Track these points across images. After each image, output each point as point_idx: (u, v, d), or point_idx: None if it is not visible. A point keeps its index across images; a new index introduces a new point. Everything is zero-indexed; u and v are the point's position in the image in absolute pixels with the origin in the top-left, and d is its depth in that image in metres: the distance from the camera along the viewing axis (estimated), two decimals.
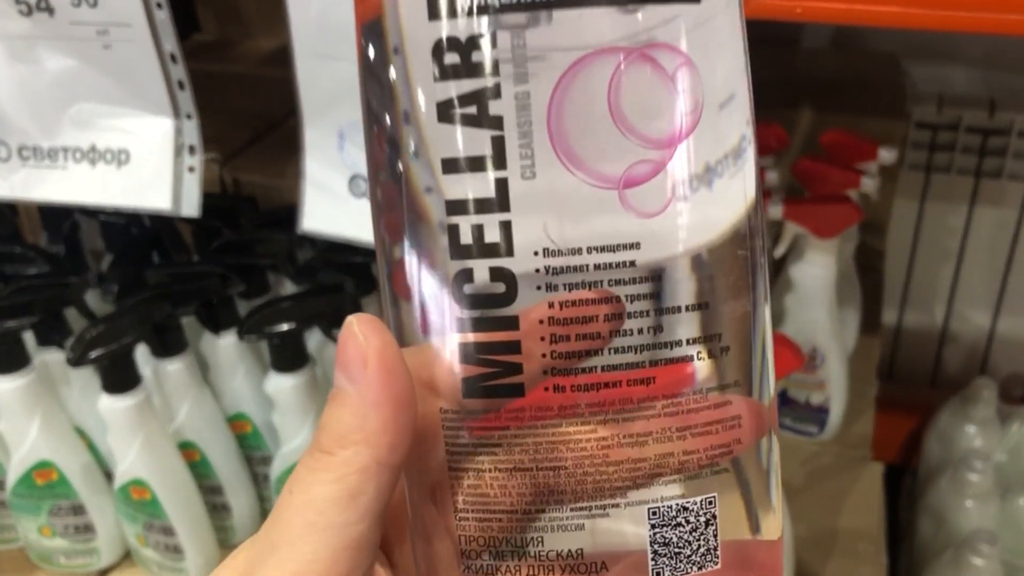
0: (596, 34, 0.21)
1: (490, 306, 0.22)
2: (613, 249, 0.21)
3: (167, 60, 0.60)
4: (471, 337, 0.22)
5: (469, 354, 0.22)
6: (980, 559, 0.83)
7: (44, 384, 0.70)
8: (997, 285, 1.12)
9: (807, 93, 1.01)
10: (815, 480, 0.79)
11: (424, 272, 0.23)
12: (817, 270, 0.78)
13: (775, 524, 0.24)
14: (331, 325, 0.69)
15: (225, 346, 0.72)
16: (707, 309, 0.22)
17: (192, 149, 0.62)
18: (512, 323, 0.22)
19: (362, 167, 0.56)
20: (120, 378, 0.65)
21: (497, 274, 0.22)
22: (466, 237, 0.22)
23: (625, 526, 0.22)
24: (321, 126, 0.58)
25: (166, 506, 0.68)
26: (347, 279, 0.71)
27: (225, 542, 0.74)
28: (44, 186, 0.64)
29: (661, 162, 0.21)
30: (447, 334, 0.22)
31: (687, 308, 0.22)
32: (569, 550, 0.22)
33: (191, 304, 0.71)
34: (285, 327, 0.66)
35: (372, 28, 0.23)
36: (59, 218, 0.85)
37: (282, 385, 0.68)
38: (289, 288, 0.77)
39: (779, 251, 0.79)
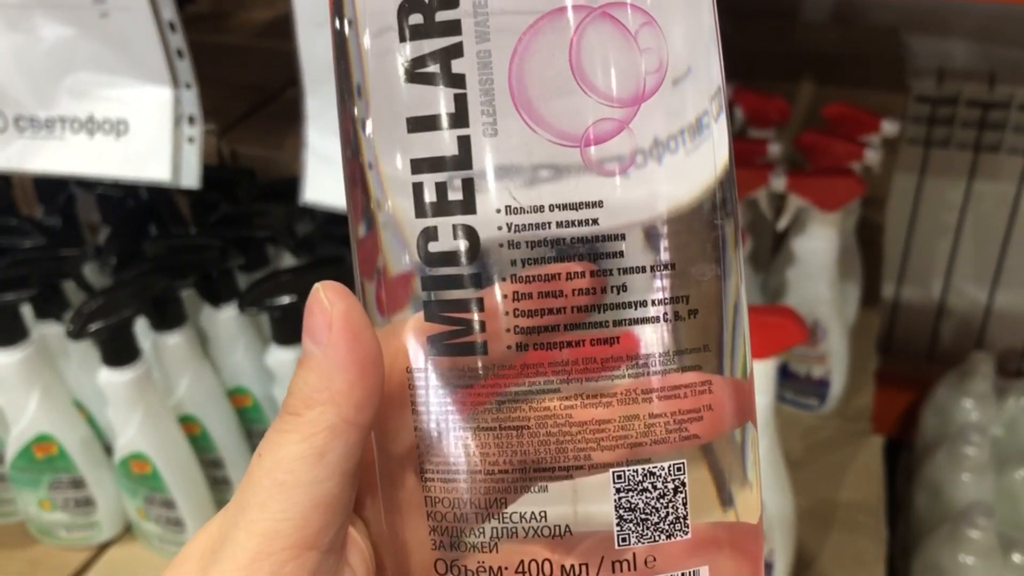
0: None
1: (454, 263, 0.22)
2: (576, 207, 0.21)
3: (165, 28, 0.59)
4: (435, 295, 0.22)
5: (433, 312, 0.22)
6: (976, 532, 0.83)
7: (43, 357, 0.70)
8: (995, 259, 1.12)
9: (807, 66, 1.01)
10: (816, 453, 0.79)
11: (384, 246, 0.23)
12: (820, 243, 0.78)
13: (753, 507, 0.24)
14: None
15: (225, 319, 0.72)
16: (673, 271, 0.22)
17: (192, 119, 0.61)
18: (476, 281, 0.22)
19: None
20: (120, 351, 0.65)
21: (460, 231, 0.22)
22: (430, 195, 0.22)
23: (590, 490, 0.22)
24: (323, 95, 0.57)
25: (167, 480, 0.68)
26: (347, 252, 0.70)
27: None
28: (41, 157, 0.63)
29: (624, 121, 0.21)
30: (412, 295, 0.22)
31: (651, 269, 0.22)
32: (532, 512, 0.22)
33: (190, 277, 0.70)
34: (286, 300, 0.66)
35: (334, 2, 0.23)
36: (55, 190, 0.84)
37: (283, 358, 0.68)
38: (289, 261, 0.77)
39: (782, 224, 0.79)
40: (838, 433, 0.81)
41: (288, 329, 0.68)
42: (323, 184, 0.58)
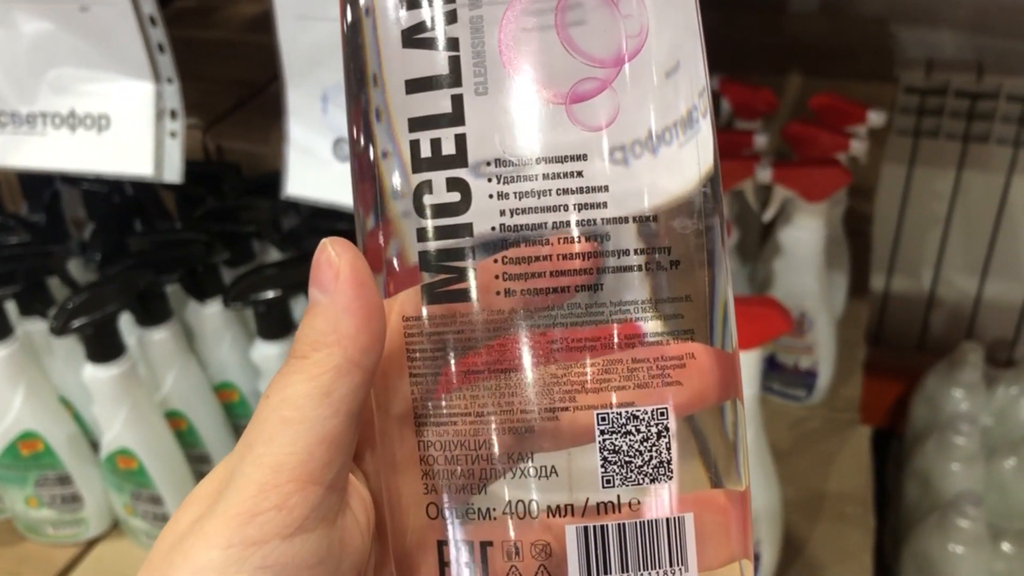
0: None
1: (446, 215, 0.23)
2: (561, 160, 0.22)
3: (146, 23, 0.59)
4: (429, 246, 0.23)
5: (427, 262, 0.23)
6: (966, 521, 0.83)
7: (27, 354, 0.69)
8: (984, 250, 1.12)
9: (796, 58, 1.01)
10: (803, 444, 0.79)
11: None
12: (806, 234, 0.78)
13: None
14: None
15: (210, 314, 0.72)
16: (655, 222, 0.23)
17: (173, 114, 0.61)
18: (467, 230, 0.23)
19: (346, 130, 0.56)
20: (104, 347, 0.65)
21: (453, 184, 0.23)
22: (426, 151, 0.23)
23: (573, 432, 0.23)
24: (304, 89, 0.57)
25: (153, 475, 0.68)
26: None
27: None
28: (23, 152, 0.63)
29: (606, 80, 0.23)
30: (409, 248, 0.24)
31: (634, 220, 0.23)
32: (519, 453, 0.23)
33: (175, 272, 0.70)
34: (271, 294, 0.66)
35: None
36: (39, 187, 0.84)
37: (268, 353, 0.68)
38: (274, 255, 0.77)
39: (768, 215, 0.79)
40: (826, 424, 0.81)
41: (273, 324, 0.67)
42: (305, 177, 0.58)
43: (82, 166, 0.62)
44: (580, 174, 0.22)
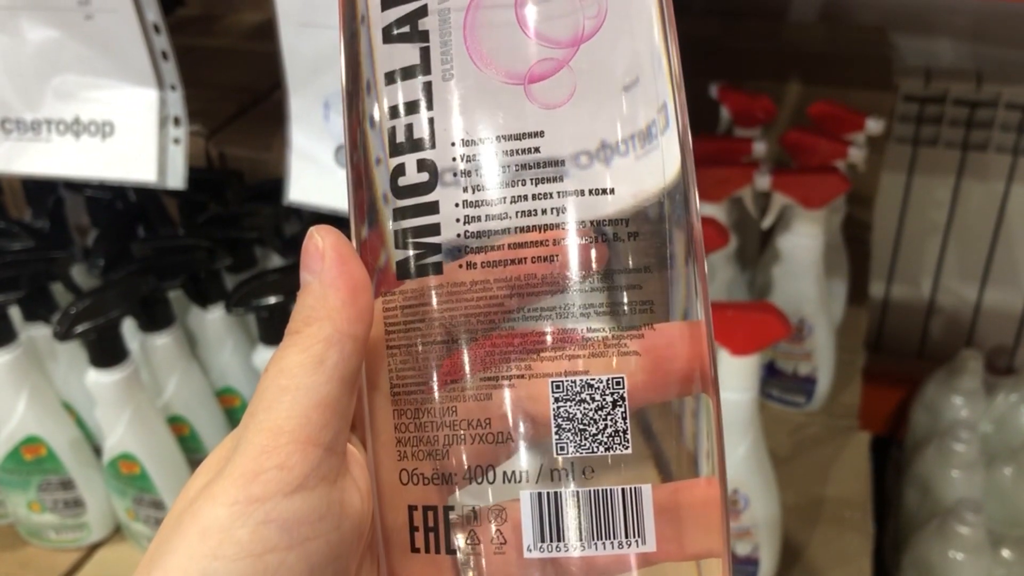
0: None
1: (416, 194, 0.24)
2: (519, 137, 0.24)
3: (150, 30, 0.59)
4: (401, 224, 0.24)
5: (400, 240, 0.25)
6: (965, 528, 0.84)
7: (31, 359, 0.70)
8: (983, 257, 1.13)
9: (795, 66, 1.01)
10: (803, 450, 0.79)
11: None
12: (805, 240, 0.78)
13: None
14: None
15: (212, 320, 0.72)
16: (612, 194, 0.24)
17: (177, 121, 0.61)
18: (434, 208, 0.24)
19: None
20: (107, 352, 0.65)
21: (422, 165, 0.24)
22: (400, 136, 0.25)
23: (529, 398, 0.23)
24: (306, 96, 0.57)
25: (155, 480, 0.68)
26: None
27: None
28: (28, 159, 0.63)
29: (563, 60, 0.24)
30: (387, 228, 0.25)
31: (591, 192, 0.23)
32: (477, 419, 0.23)
33: (178, 278, 0.70)
34: (273, 300, 0.66)
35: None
36: (43, 193, 0.84)
37: (270, 358, 0.68)
38: (276, 262, 0.77)
39: (767, 222, 0.80)
40: (825, 430, 0.82)
41: (275, 329, 0.68)
42: (307, 184, 0.59)
43: (86, 172, 0.62)
44: (538, 150, 0.23)
